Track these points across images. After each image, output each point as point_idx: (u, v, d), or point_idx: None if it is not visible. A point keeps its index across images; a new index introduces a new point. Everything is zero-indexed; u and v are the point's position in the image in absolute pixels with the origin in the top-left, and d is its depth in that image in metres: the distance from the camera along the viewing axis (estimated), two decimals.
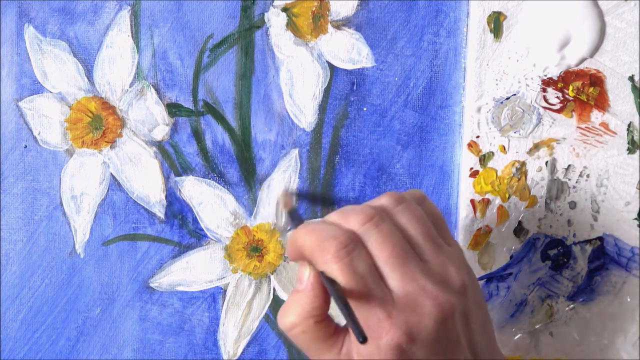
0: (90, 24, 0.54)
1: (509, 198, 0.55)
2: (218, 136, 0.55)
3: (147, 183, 0.55)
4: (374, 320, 0.40)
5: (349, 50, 0.54)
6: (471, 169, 0.55)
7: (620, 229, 0.55)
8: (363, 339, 0.38)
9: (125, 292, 0.55)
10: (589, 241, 0.56)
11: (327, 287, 0.41)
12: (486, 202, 0.55)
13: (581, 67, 0.54)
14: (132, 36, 0.54)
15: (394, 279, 0.41)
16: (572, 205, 0.55)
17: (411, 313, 0.40)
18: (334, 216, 0.43)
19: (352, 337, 0.41)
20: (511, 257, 0.55)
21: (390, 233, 0.42)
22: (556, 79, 0.54)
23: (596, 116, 0.55)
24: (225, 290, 0.56)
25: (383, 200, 0.44)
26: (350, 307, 0.40)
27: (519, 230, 0.55)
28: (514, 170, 0.55)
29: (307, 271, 0.42)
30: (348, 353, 0.42)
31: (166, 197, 0.55)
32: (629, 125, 0.55)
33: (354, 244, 0.41)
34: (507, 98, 0.54)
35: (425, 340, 0.40)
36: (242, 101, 0.55)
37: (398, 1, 0.54)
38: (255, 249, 0.55)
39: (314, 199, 0.48)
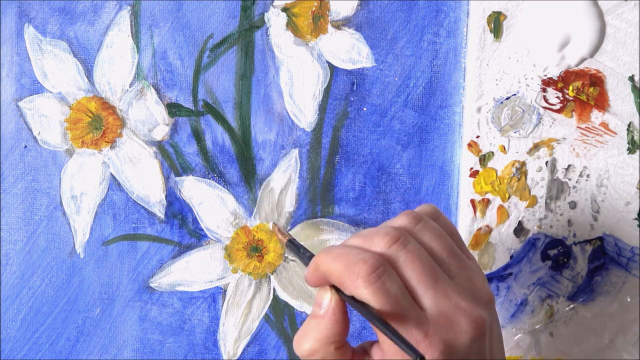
0: (90, 24, 0.54)
1: (509, 198, 0.55)
2: (218, 136, 0.55)
3: (147, 183, 0.55)
4: (411, 341, 0.40)
5: (349, 50, 0.54)
6: (471, 169, 0.55)
7: (620, 229, 0.55)
8: (419, 357, 0.37)
9: (125, 292, 0.55)
10: (589, 241, 0.56)
11: (362, 312, 0.40)
12: (486, 202, 0.55)
13: (581, 67, 0.54)
14: (132, 36, 0.54)
15: (428, 298, 0.41)
16: (572, 205, 0.55)
17: (447, 331, 0.40)
18: (356, 239, 0.43)
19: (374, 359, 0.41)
20: (511, 257, 0.55)
21: (418, 252, 0.41)
22: (556, 79, 0.54)
23: (596, 116, 0.55)
24: (225, 290, 0.56)
25: (402, 220, 0.43)
26: (394, 327, 0.39)
27: (519, 230, 0.55)
28: (514, 170, 0.55)
29: (329, 296, 0.41)
30: None
31: (166, 197, 0.55)
32: (629, 125, 0.55)
33: (384, 266, 0.40)
34: (507, 98, 0.54)
35: (461, 357, 0.40)
36: (242, 101, 0.55)
37: (398, 1, 0.54)
38: (255, 249, 0.55)
39: (298, 251, 0.48)
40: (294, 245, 0.47)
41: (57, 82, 0.54)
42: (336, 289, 0.41)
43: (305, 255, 0.46)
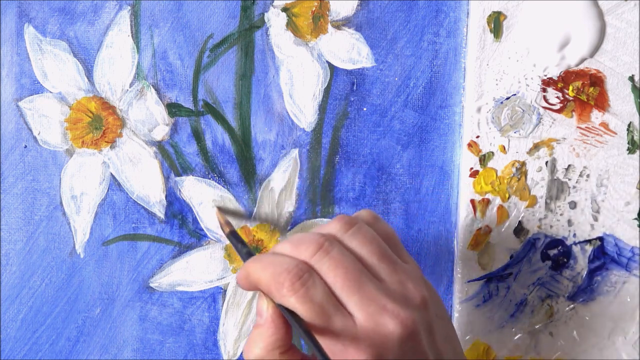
0: (90, 24, 0.54)
1: (509, 198, 0.55)
2: (218, 136, 0.55)
3: (147, 183, 0.55)
4: (339, 346, 0.41)
5: (349, 50, 0.54)
6: (471, 169, 0.55)
7: (620, 229, 0.55)
8: None
9: (125, 292, 0.55)
10: (589, 241, 0.56)
11: (289, 319, 0.41)
12: (486, 202, 0.55)
13: (581, 67, 0.54)
14: (132, 36, 0.54)
15: (353, 303, 0.41)
16: (572, 205, 0.55)
17: (375, 334, 0.41)
18: (285, 247, 0.44)
19: None
20: (511, 257, 0.55)
21: (341, 258, 0.42)
22: (556, 79, 0.54)
23: (596, 116, 0.55)
24: (225, 290, 0.56)
25: (333, 226, 0.44)
26: (314, 336, 0.40)
27: (519, 230, 0.55)
28: (514, 170, 0.55)
29: (265, 303, 0.43)
30: None
31: (166, 197, 0.55)
32: (629, 125, 0.55)
33: (307, 273, 0.41)
34: (507, 98, 0.54)
35: (393, 358, 0.40)
36: (242, 101, 0.55)
37: (398, 1, 0.54)
38: (255, 249, 0.55)
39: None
40: (234, 239, 0.48)
41: (57, 82, 0.54)
42: None
43: (243, 252, 0.47)
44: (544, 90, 0.54)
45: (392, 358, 0.41)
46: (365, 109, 0.55)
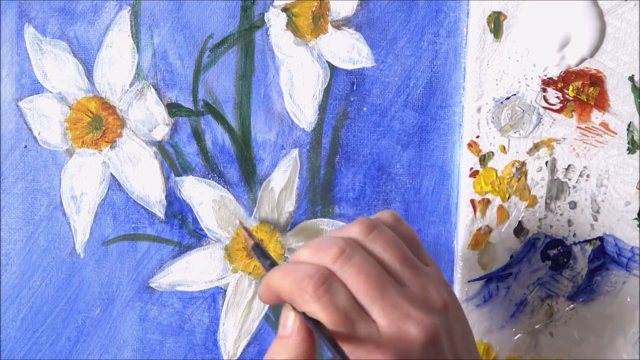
0: (90, 24, 0.54)
1: (509, 198, 0.55)
2: (218, 136, 0.55)
3: (147, 183, 0.55)
4: (362, 353, 0.40)
5: (349, 50, 0.54)
6: (471, 169, 0.55)
7: (620, 229, 0.55)
8: None
9: (125, 292, 0.55)
10: (589, 241, 0.56)
11: (312, 327, 0.41)
12: (486, 202, 0.55)
13: (581, 67, 0.54)
14: (132, 36, 0.54)
15: (376, 310, 0.41)
16: (572, 205, 0.55)
17: (398, 341, 0.40)
18: (305, 253, 0.43)
19: None
20: (511, 257, 0.55)
21: (364, 264, 0.42)
22: (556, 79, 0.54)
23: (596, 116, 0.55)
24: (225, 290, 0.56)
25: (354, 230, 0.44)
26: (338, 344, 0.40)
27: (519, 230, 0.55)
28: (514, 170, 0.55)
29: (292, 315, 0.42)
30: None
31: (166, 197, 0.55)
32: (629, 125, 0.55)
33: (329, 280, 0.41)
34: (507, 98, 0.54)
35: None
36: (242, 101, 0.55)
37: (398, 1, 0.54)
38: None
39: (262, 255, 0.48)
40: (259, 251, 0.48)
41: (57, 82, 0.54)
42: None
43: (266, 264, 0.46)
44: (544, 90, 0.54)
45: None
46: (365, 109, 0.55)
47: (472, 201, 0.55)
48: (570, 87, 0.54)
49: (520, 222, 0.55)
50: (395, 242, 0.44)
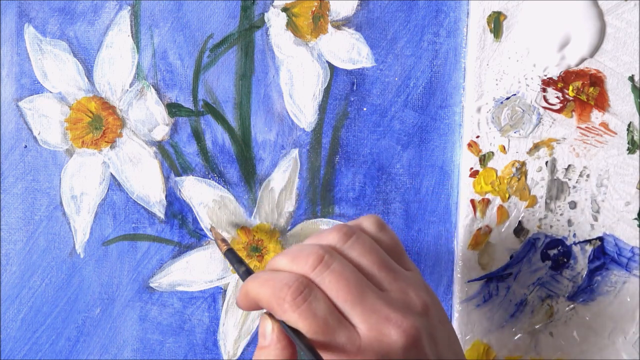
0: (90, 24, 0.54)
1: (509, 198, 0.55)
2: (218, 136, 0.55)
3: (147, 183, 0.55)
4: (344, 357, 0.40)
5: (349, 50, 0.54)
6: (471, 169, 0.55)
7: (620, 229, 0.55)
8: None
9: (125, 292, 0.55)
10: (589, 241, 0.56)
11: (291, 336, 0.41)
12: (486, 202, 0.55)
13: (581, 67, 0.54)
14: (132, 36, 0.54)
15: (356, 315, 0.41)
16: (572, 205, 0.55)
17: (379, 345, 0.40)
18: (282, 261, 0.43)
19: None
20: (511, 257, 0.55)
21: (343, 271, 0.42)
22: (556, 79, 0.54)
23: (596, 116, 0.55)
24: (225, 290, 0.56)
25: (332, 237, 0.44)
26: (318, 353, 0.40)
27: (519, 230, 0.55)
28: (514, 170, 0.55)
29: (270, 324, 0.42)
30: None
31: (166, 197, 0.55)
32: (629, 125, 0.55)
33: (308, 289, 0.41)
34: (507, 98, 0.54)
35: None
36: (242, 101, 0.55)
37: (398, 1, 0.54)
38: (255, 249, 0.55)
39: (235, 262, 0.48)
40: (232, 257, 0.48)
41: (57, 82, 0.54)
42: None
43: (241, 271, 0.46)
44: (544, 90, 0.54)
45: None
46: (365, 109, 0.55)
47: (472, 201, 0.55)
48: (570, 87, 0.54)
49: (520, 222, 0.55)
50: (373, 248, 0.44)
